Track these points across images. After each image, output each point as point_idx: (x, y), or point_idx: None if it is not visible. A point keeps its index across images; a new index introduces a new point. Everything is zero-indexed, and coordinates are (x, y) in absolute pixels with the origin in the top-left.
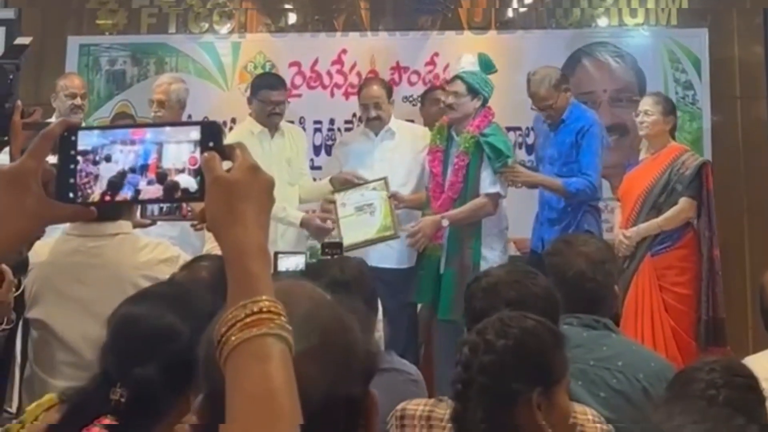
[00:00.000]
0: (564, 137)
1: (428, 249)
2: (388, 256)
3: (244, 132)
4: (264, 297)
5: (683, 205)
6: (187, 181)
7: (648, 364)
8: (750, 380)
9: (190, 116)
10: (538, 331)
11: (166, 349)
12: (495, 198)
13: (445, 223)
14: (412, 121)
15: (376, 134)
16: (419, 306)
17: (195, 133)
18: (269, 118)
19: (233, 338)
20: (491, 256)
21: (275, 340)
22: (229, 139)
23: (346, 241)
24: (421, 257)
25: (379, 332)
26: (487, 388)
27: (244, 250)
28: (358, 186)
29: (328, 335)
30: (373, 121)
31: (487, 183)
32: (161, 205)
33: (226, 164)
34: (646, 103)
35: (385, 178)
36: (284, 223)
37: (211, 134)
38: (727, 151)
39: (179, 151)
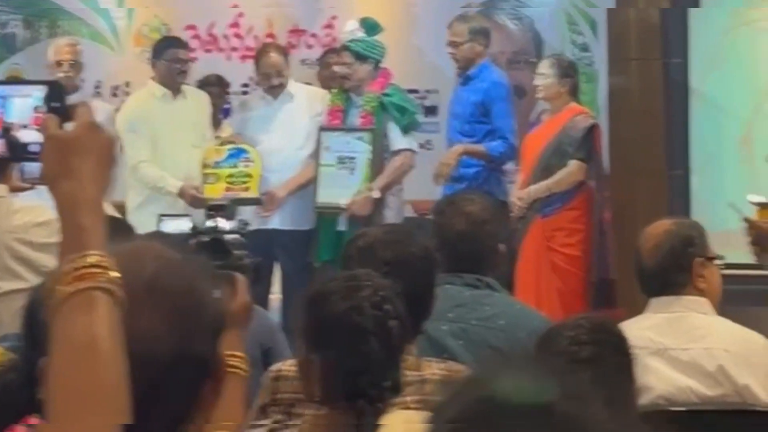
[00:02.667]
0: (470, 95)
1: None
2: (285, 218)
3: (146, 95)
4: (93, 251)
5: (573, 167)
6: (33, 139)
7: (530, 322)
8: (618, 339)
9: (83, 80)
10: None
11: None
12: (409, 154)
13: (377, 194)
14: (309, 84)
15: (275, 98)
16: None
17: (39, 93)
18: (178, 76)
19: (60, 292)
20: (389, 215)
21: (102, 293)
22: (127, 105)
23: (320, 199)
24: (320, 217)
25: (276, 294)
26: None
27: (76, 204)
28: (346, 131)
29: (176, 294)
30: (276, 88)
31: (399, 141)
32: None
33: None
34: (542, 66)
35: (373, 130)
36: (162, 192)
37: (55, 94)
38: (623, 113)
39: (23, 108)
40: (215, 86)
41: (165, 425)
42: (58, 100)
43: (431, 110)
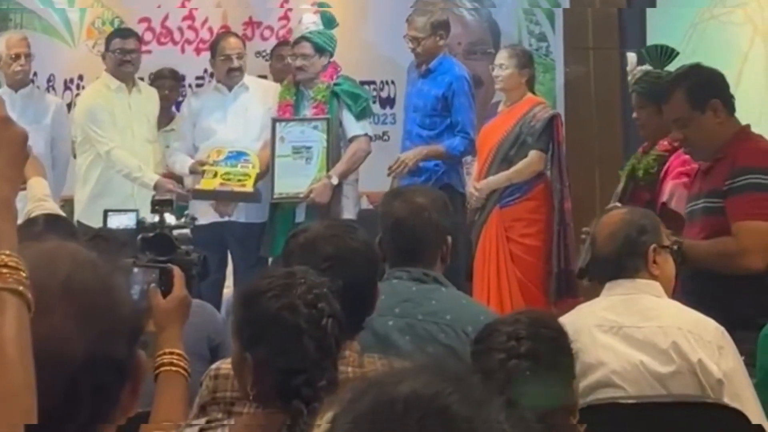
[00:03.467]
0: (431, 88)
1: (271, 202)
2: (239, 210)
3: (100, 88)
4: (2, 251)
5: (533, 157)
6: None
7: (477, 317)
8: (555, 333)
9: (36, 73)
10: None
11: None
12: (365, 139)
13: (335, 181)
14: (264, 77)
15: (230, 89)
16: (270, 261)
17: None
18: (121, 67)
19: None
20: (346, 204)
21: (10, 294)
22: (85, 96)
23: (277, 189)
24: (274, 210)
25: (230, 287)
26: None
27: None
28: (300, 120)
29: (89, 295)
30: (235, 72)
31: (354, 127)
32: None
33: None
34: (501, 57)
35: (328, 119)
36: (138, 183)
37: None
38: (580, 103)
39: None
40: (169, 79)
41: (83, 428)
42: None
43: (387, 101)
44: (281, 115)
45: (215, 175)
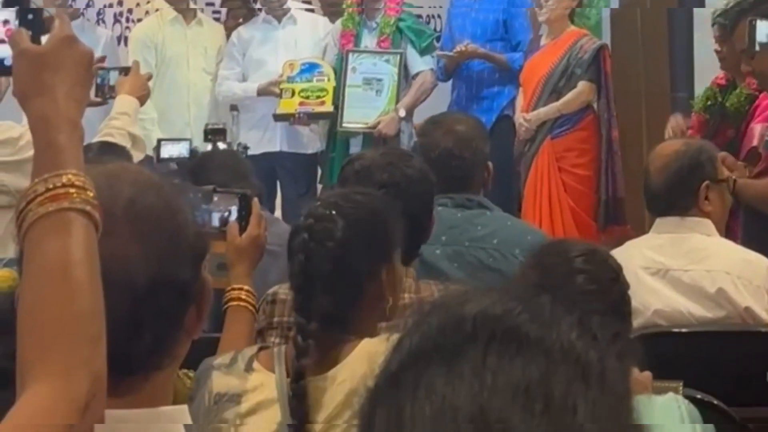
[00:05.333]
0: (488, 14)
1: (339, 131)
2: (293, 140)
3: (153, 20)
4: (68, 170)
5: (582, 88)
6: (4, 52)
7: (524, 237)
8: (612, 270)
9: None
10: (372, 203)
11: None
12: (430, 72)
13: (402, 113)
14: (312, 10)
15: (279, 21)
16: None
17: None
18: None
19: (31, 213)
20: (401, 139)
21: (77, 214)
22: (135, 29)
23: (346, 118)
24: (331, 139)
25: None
26: (333, 276)
27: (50, 122)
28: (372, 53)
29: (153, 217)
30: (273, 3)
31: (419, 62)
32: None
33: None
34: None
35: (401, 53)
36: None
37: (28, 8)
38: (626, 35)
39: None
40: (242, 8)
41: (147, 352)
42: (33, 13)
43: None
44: (344, 44)
45: (293, 93)
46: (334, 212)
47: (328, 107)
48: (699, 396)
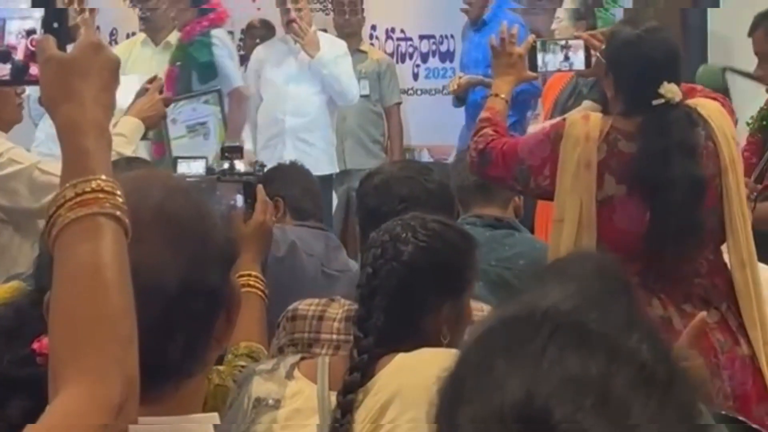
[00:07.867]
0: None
1: None
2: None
3: (128, 42)
4: (98, 176)
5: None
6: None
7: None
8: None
9: (98, 27)
10: (450, 236)
11: None
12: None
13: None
14: (325, 30)
15: (294, 42)
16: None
17: (38, 14)
18: (143, 21)
19: (61, 218)
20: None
21: (107, 219)
22: (117, 49)
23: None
24: None
25: None
26: (395, 296)
27: (78, 128)
28: (189, 98)
29: (182, 222)
30: (292, 23)
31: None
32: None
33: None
34: (560, 11)
35: (218, 90)
36: None
37: (54, 16)
38: None
39: (22, 31)
40: (260, 29)
41: (178, 358)
42: (58, 21)
43: (447, 55)
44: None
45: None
46: (409, 234)
47: None
48: None
